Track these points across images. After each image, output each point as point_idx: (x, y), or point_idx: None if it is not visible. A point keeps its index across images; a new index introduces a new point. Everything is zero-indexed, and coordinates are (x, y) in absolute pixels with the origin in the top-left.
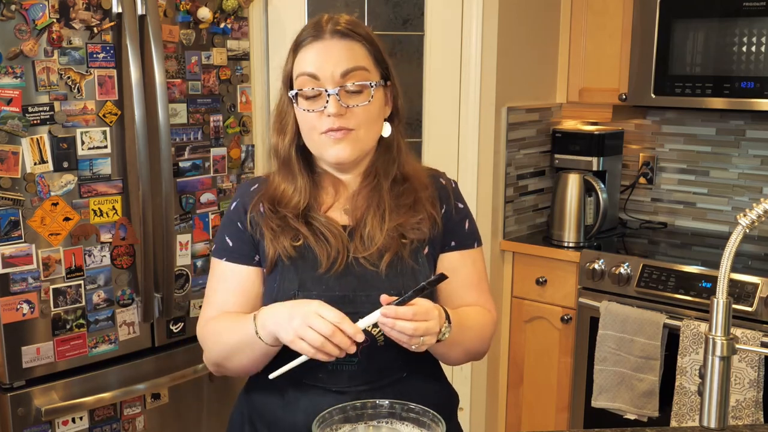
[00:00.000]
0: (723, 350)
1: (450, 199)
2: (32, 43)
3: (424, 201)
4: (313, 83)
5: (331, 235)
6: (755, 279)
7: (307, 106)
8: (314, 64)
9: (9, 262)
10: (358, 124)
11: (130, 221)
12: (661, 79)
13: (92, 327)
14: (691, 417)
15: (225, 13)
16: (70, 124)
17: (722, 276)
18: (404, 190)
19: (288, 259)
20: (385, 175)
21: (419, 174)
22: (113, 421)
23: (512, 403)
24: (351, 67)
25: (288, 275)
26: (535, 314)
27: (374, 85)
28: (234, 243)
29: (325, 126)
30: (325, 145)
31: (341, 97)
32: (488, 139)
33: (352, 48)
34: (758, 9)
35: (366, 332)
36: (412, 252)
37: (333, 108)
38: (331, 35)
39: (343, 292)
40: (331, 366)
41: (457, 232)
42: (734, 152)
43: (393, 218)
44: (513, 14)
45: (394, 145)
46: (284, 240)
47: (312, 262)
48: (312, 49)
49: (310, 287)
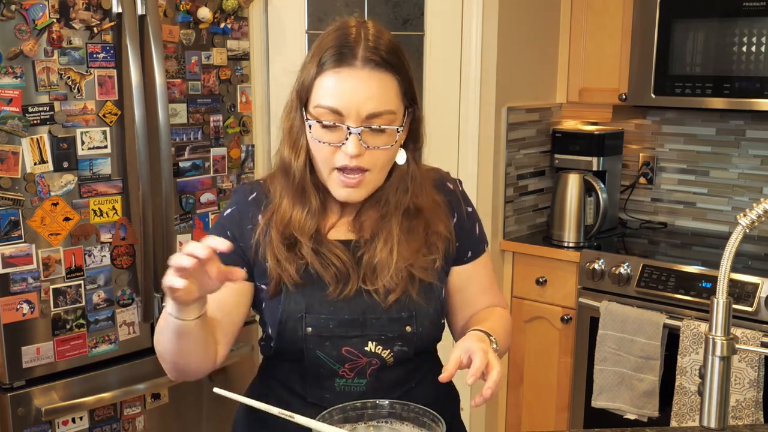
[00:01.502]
0: (723, 350)
1: (461, 205)
2: (32, 43)
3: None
4: (334, 117)
5: (337, 260)
6: (755, 279)
7: (323, 137)
8: (340, 99)
9: (9, 262)
10: (374, 165)
11: (130, 221)
12: (661, 79)
13: (92, 327)
14: (691, 417)
15: (225, 13)
16: (70, 124)
17: (722, 276)
18: (416, 225)
19: (294, 286)
20: (395, 206)
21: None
22: (113, 421)
23: (512, 403)
24: (379, 111)
25: (294, 298)
26: (535, 314)
27: (400, 130)
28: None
29: (340, 162)
30: (336, 184)
31: (363, 136)
32: (488, 139)
33: (383, 84)
34: (758, 9)
35: (376, 354)
36: (421, 290)
37: (353, 148)
38: (363, 63)
39: (352, 315)
40: (339, 388)
41: (471, 241)
42: (734, 152)
43: (403, 256)
44: (513, 14)
45: (409, 174)
46: (290, 267)
47: (319, 284)
48: (339, 79)
49: (318, 309)
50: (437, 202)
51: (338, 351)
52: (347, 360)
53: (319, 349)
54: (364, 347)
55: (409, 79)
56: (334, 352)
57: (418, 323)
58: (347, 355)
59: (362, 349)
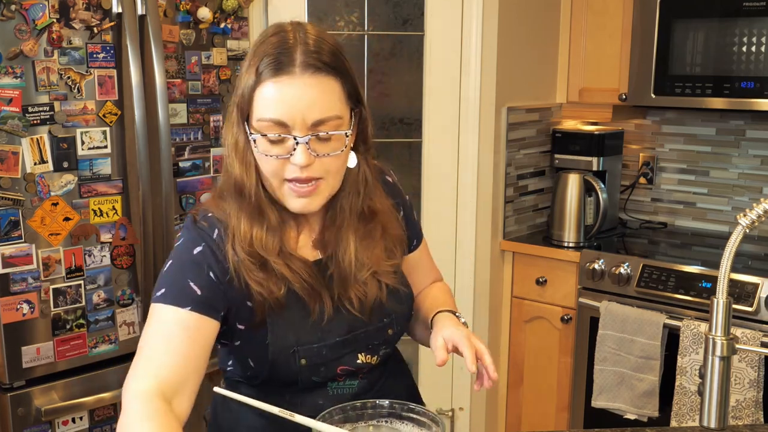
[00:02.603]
0: (723, 350)
1: (401, 194)
2: (32, 43)
3: (394, 231)
4: (279, 129)
5: (311, 278)
6: (755, 279)
7: (269, 150)
8: (281, 110)
9: (9, 262)
10: (327, 173)
11: (130, 221)
12: (661, 79)
13: (92, 327)
14: (691, 417)
15: (225, 13)
16: (70, 124)
17: (722, 276)
18: (372, 229)
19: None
20: (350, 212)
21: (384, 201)
22: (113, 421)
23: (512, 403)
24: (325, 117)
25: (279, 331)
26: (535, 314)
27: (348, 134)
28: (204, 292)
29: (291, 174)
30: (289, 196)
31: (311, 145)
32: (488, 139)
33: (326, 89)
34: (758, 9)
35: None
36: (390, 294)
37: (302, 158)
38: (302, 69)
39: (341, 336)
40: (332, 391)
41: (414, 230)
42: (734, 152)
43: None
44: (513, 14)
45: (361, 177)
46: (273, 288)
47: (300, 310)
48: (279, 88)
49: (308, 339)
50: (388, 206)
51: (333, 372)
52: (341, 375)
53: (315, 375)
54: (356, 361)
55: (352, 80)
56: (330, 374)
57: (397, 324)
58: (341, 372)
59: (354, 363)
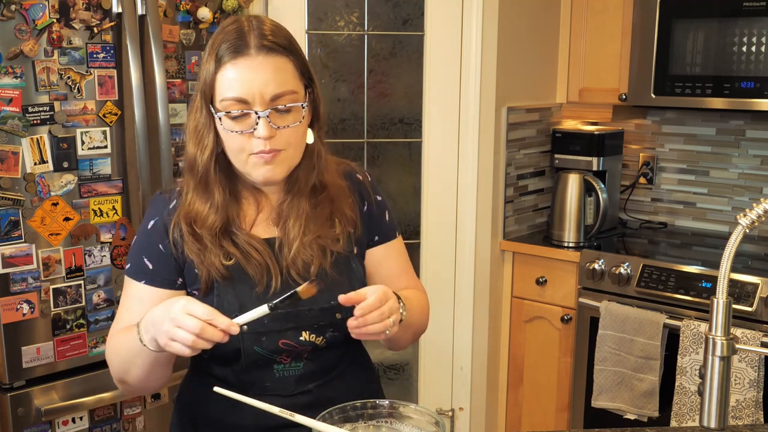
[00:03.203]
0: (723, 350)
1: (369, 194)
2: (32, 43)
3: (344, 208)
4: (240, 106)
5: (257, 254)
6: (755, 279)
7: (233, 127)
8: (242, 88)
9: (9, 262)
10: (288, 144)
11: (130, 221)
12: (661, 79)
13: (92, 327)
14: (691, 417)
15: (225, 13)
16: (70, 124)
17: (722, 276)
18: (322, 200)
19: (223, 279)
20: (305, 182)
21: (337, 180)
22: (113, 421)
23: (512, 403)
24: (281, 91)
25: (226, 297)
26: (535, 314)
27: (305, 106)
28: (154, 265)
29: (256, 148)
30: (255, 166)
31: (271, 118)
32: (488, 139)
33: (280, 67)
34: (758, 9)
35: (310, 342)
36: (334, 263)
37: (264, 131)
38: (257, 51)
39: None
40: (278, 373)
41: (380, 226)
42: (734, 152)
43: (312, 229)
44: (513, 14)
45: (315, 152)
46: (214, 260)
47: (247, 281)
48: (237, 69)
49: (251, 307)
50: (341, 186)
51: (275, 344)
52: (283, 351)
53: (257, 345)
54: (299, 337)
55: (303, 59)
56: (272, 346)
57: (346, 309)
58: (283, 347)
59: (297, 339)
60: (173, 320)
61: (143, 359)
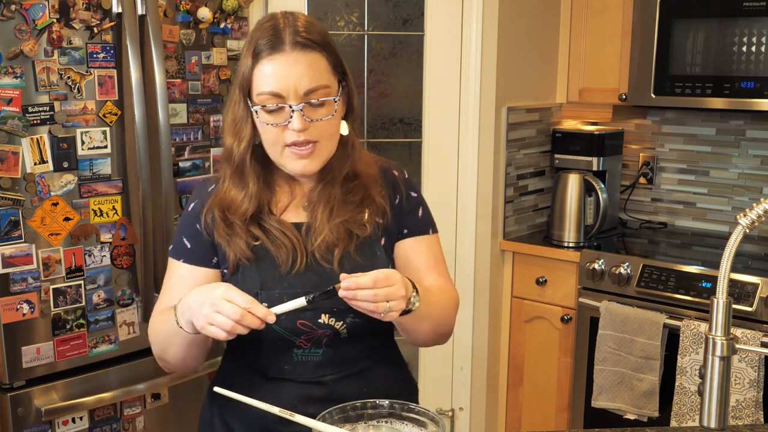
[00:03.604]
0: (723, 350)
1: (401, 189)
2: (32, 43)
3: (374, 196)
4: (275, 100)
5: (284, 237)
6: (755, 279)
7: (269, 120)
8: (276, 83)
9: (9, 262)
10: (321, 136)
11: (130, 221)
12: (661, 79)
13: (92, 327)
14: (691, 417)
15: (225, 13)
16: (70, 124)
17: (722, 276)
18: (354, 187)
19: (247, 260)
20: (338, 171)
21: (370, 170)
22: (113, 421)
23: (512, 403)
24: (314, 86)
25: (250, 274)
26: (535, 314)
27: (337, 100)
28: (192, 245)
29: (290, 139)
30: (290, 159)
31: (305, 112)
32: (488, 139)
33: (314, 62)
34: (758, 9)
35: (329, 326)
36: (359, 247)
37: (298, 123)
38: (292, 47)
39: (304, 289)
40: (297, 357)
41: (410, 220)
42: (734, 152)
43: (340, 214)
44: (513, 14)
45: (349, 143)
46: (240, 242)
47: (271, 261)
48: (272, 64)
49: (272, 285)
50: (374, 176)
51: (293, 324)
52: (302, 332)
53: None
54: (317, 320)
55: (336, 55)
56: (290, 325)
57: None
58: (302, 328)
59: (316, 321)
60: (213, 305)
61: (180, 340)
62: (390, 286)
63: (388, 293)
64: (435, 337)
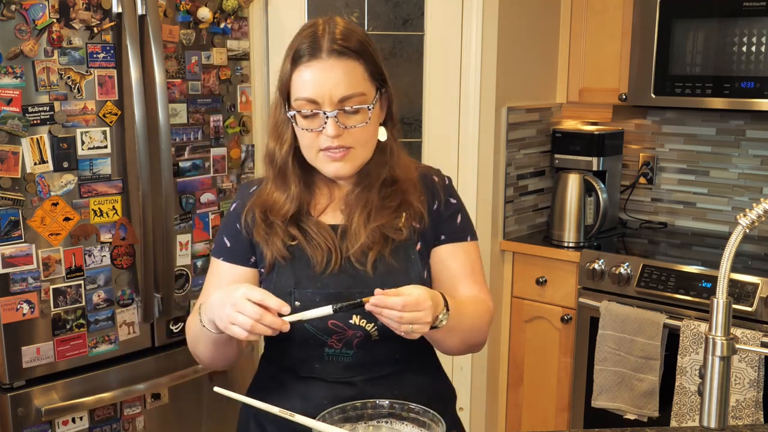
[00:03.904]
0: (723, 350)
1: (440, 194)
2: (32, 43)
3: (412, 201)
4: (312, 106)
5: (321, 238)
6: (755, 279)
7: (305, 125)
8: (312, 90)
9: (9, 262)
10: (356, 143)
11: (130, 221)
12: (661, 79)
13: (92, 327)
14: (691, 417)
15: (225, 13)
16: (70, 124)
17: (722, 276)
18: (391, 193)
19: (283, 259)
20: (376, 176)
21: (410, 175)
22: (113, 421)
23: (512, 403)
24: (349, 94)
25: (285, 273)
26: (535, 314)
27: (371, 108)
28: (231, 244)
29: (324, 145)
30: (324, 162)
31: (339, 118)
32: (488, 139)
33: (350, 70)
34: (758, 9)
35: (360, 327)
36: (394, 251)
37: (332, 130)
38: (328, 54)
39: (336, 289)
40: (327, 357)
41: (448, 226)
42: (734, 152)
43: (376, 218)
44: (513, 14)
45: (388, 148)
46: (277, 242)
47: (306, 261)
48: (310, 71)
49: (306, 285)
50: (412, 180)
51: (324, 324)
52: (333, 332)
53: (307, 322)
54: (348, 320)
55: (374, 62)
56: (321, 325)
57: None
58: (333, 328)
59: (347, 322)
60: (234, 305)
61: (206, 339)
62: (418, 311)
63: (413, 318)
64: (465, 348)
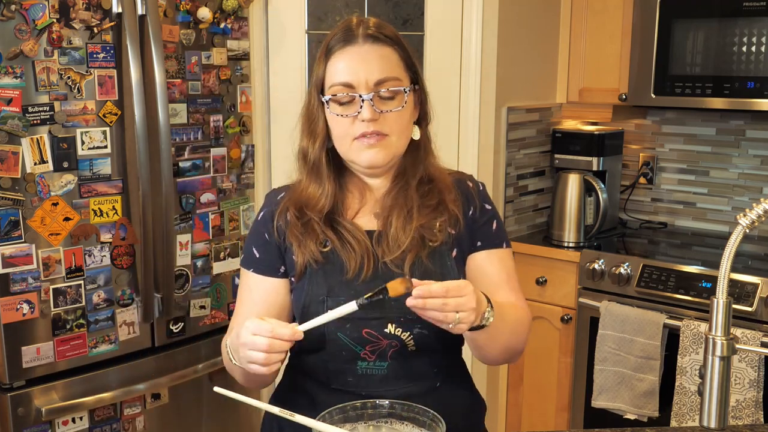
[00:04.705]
0: (723, 350)
1: (476, 200)
2: (32, 43)
3: (448, 202)
4: (347, 90)
5: (355, 242)
6: (755, 279)
7: (340, 111)
8: (348, 73)
9: (9, 262)
10: (391, 130)
11: (130, 221)
12: (661, 79)
13: (92, 327)
14: (691, 417)
15: (225, 13)
16: (70, 124)
17: (722, 276)
18: (429, 191)
19: (316, 264)
20: (412, 175)
21: (443, 175)
22: (113, 421)
23: (512, 403)
24: (385, 77)
25: (317, 280)
26: (535, 314)
27: (407, 91)
28: (261, 254)
29: (359, 131)
30: (359, 150)
31: (375, 102)
32: (488, 139)
33: (385, 55)
34: (758, 9)
35: (396, 337)
36: (431, 254)
37: (367, 113)
38: (364, 40)
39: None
40: (361, 371)
41: (484, 233)
42: (734, 152)
43: (418, 218)
44: (513, 14)
45: (422, 147)
46: (311, 245)
47: (339, 267)
48: (345, 56)
49: (338, 292)
50: (448, 182)
51: (359, 333)
52: (368, 342)
53: (340, 331)
54: (383, 329)
55: (408, 54)
56: (355, 334)
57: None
58: (367, 337)
59: (382, 331)
60: (245, 345)
61: (237, 369)
62: (461, 296)
63: (458, 303)
64: (507, 355)
